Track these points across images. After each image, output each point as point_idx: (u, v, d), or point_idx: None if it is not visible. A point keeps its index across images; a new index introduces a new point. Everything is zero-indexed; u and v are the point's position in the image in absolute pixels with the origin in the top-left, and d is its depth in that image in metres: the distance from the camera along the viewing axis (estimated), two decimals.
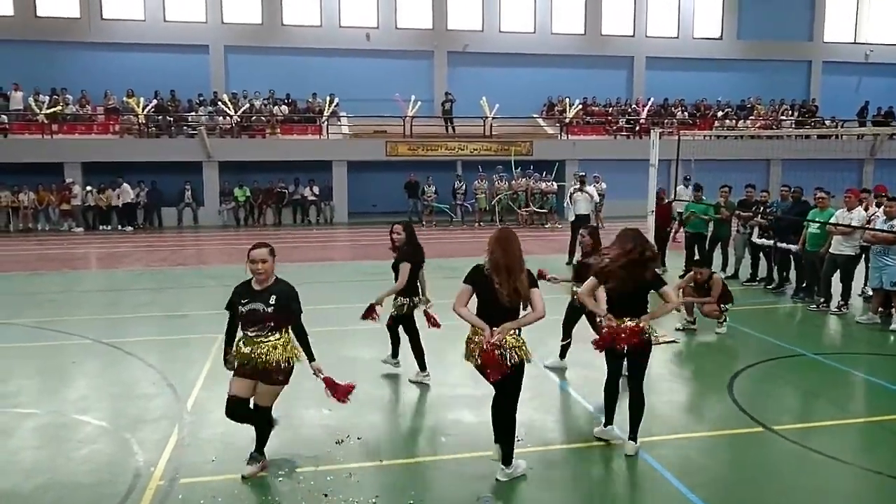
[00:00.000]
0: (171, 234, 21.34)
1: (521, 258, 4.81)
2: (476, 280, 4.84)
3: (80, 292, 12.17)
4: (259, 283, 4.86)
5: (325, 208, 23.70)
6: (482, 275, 4.82)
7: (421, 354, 7.05)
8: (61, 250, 17.44)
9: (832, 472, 5.19)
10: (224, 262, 15.20)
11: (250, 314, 4.81)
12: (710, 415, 6.40)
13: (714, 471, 5.25)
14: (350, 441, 5.64)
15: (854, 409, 6.72)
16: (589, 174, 17.15)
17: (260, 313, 4.79)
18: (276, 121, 24.28)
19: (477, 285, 4.84)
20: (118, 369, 7.63)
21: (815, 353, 8.06)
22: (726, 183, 12.69)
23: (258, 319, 4.80)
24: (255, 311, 4.79)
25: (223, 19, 25.60)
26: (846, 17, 30.61)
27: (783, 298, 11.12)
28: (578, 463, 5.29)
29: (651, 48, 28.80)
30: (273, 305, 4.79)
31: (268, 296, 4.81)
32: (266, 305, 4.79)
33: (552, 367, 7.42)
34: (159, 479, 5.00)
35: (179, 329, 9.39)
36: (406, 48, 26.85)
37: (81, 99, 23.76)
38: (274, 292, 4.83)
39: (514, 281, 4.73)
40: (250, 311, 4.80)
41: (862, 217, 9.65)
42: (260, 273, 4.80)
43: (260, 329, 4.82)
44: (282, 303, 4.82)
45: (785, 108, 28.72)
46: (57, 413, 6.33)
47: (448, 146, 24.30)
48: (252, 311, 4.80)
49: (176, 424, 5.99)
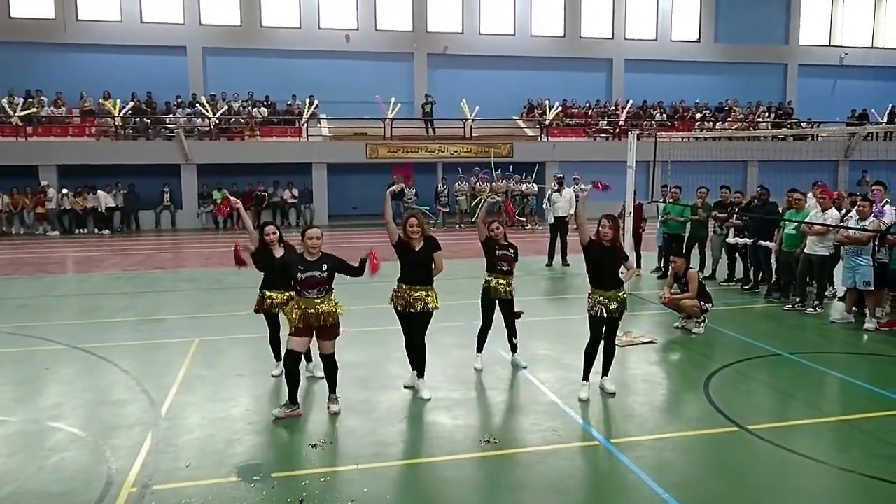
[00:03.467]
0: (148, 237, 21.11)
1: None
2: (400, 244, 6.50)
3: (55, 297, 11.99)
4: (312, 256, 6.00)
5: (305, 211, 23.58)
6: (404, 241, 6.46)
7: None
8: (36, 254, 17.19)
9: (807, 472, 5.22)
10: (202, 266, 15.07)
11: (309, 279, 5.94)
12: (685, 415, 6.43)
13: (690, 471, 5.27)
14: (325, 445, 5.60)
15: (828, 408, 6.79)
16: (568, 176, 17.21)
17: (317, 278, 5.94)
18: (255, 123, 24.14)
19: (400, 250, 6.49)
20: (92, 375, 7.52)
21: (791, 353, 8.13)
22: (703, 185, 12.81)
23: (316, 283, 5.94)
24: (313, 277, 5.94)
25: (201, 20, 25.40)
26: (821, 21, 31.07)
27: (759, 298, 11.21)
28: (554, 465, 5.28)
29: (630, 51, 29.02)
30: (326, 272, 5.99)
31: (321, 264, 5.99)
32: (321, 272, 5.97)
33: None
34: (131, 486, 4.93)
35: (155, 334, 9.27)
36: (386, 50, 26.81)
37: (57, 101, 23.45)
38: (324, 261, 6.04)
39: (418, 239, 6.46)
40: (309, 277, 5.93)
41: (835, 217, 9.78)
42: (315, 247, 6.00)
43: (319, 291, 5.97)
44: (332, 269, 6.06)
45: (762, 111, 29.07)
46: (29, 420, 6.22)
47: (428, 148, 24.30)
48: (310, 277, 5.94)
49: (150, 431, 5.91)
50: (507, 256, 7.34)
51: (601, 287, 6.56)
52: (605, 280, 6.57)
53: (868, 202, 9.26)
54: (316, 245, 6.05)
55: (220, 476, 5.10)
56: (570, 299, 11.28)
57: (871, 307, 9.31)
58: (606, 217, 6.65)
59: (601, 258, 6.54)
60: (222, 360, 7.98)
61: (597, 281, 6.61)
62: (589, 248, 6.55)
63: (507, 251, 7.36)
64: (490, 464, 5.34)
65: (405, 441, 5.77)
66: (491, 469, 5.27)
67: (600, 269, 6.58)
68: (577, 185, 19.58)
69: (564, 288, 12.65)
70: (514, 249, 7.44)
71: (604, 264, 6.56)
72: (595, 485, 5.13)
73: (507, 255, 7.34)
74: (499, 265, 7.32)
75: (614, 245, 6.58)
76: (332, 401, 6.32)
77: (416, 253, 6.49)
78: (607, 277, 6.58)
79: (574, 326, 6.80)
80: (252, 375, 7.38)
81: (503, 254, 7.33)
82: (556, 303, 11.26)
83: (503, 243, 7.38)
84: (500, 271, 7.32)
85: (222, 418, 6.20)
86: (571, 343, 7.93)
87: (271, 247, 6.93)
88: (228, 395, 6.79)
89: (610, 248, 6.54)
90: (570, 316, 6.81)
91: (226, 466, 5.26)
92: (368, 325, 8.84)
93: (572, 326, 7.00)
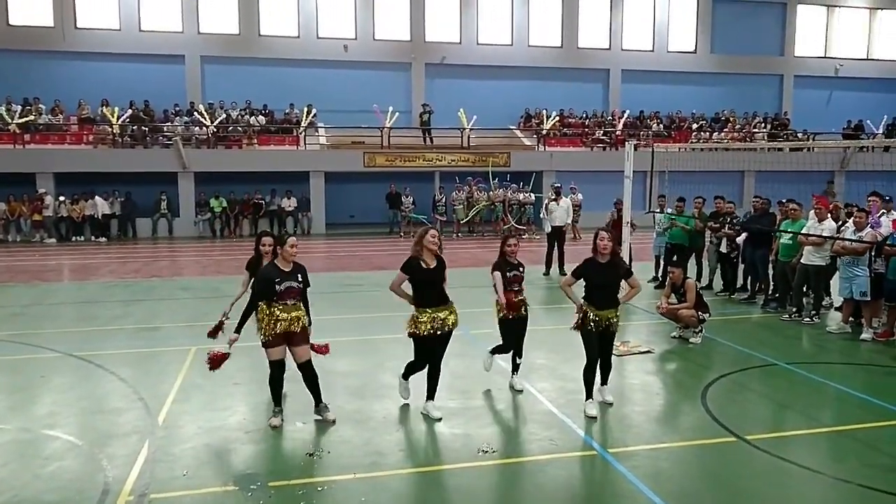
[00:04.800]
0: (145, 245, 21.09)
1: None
2: (410, 267, 6.14)
3: (52, 305, 11.97)
4: (287, 265, 6.03)
5: (303, 219, 23.60)
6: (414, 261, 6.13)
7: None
8: (33, 262, 17.16)
9: (803, 482, 5.23)
10: (199, 274, 15.06)
11: (288, 289, 5.98)
12: (682, 425, 6.44)
13: (686, 481, 5.27)
14: (322, 454, 5.59)
15: (825, 418, 6.79)
16: (565, 185, 17.26)
17: (295, 287, 6.02)
18: (252, 131, 24.17)
19: (411, 272, 6.14)
20: (88, 383, 7.50)
21: (787, 363, 8.15)
22: (699, 195, 12.85)
23: (294, 293, 6.02)
24: (291, 287, 6.00)
25: (200, 29, 25.46)
26: (816, 33, 31.27)
27: (755, 308, 11.24)
28: (551, 474, 5.28)
29: (627, 61, 29.15)
30: (301, 281, 6.09)
31: (296, 273, 6.06)
32: (296, 281, 6.05)
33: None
34: (128, 495, 4.91)
35: (152, 342, 9.26)
36: (384, 59, 26.89)
37: (55, 108, 23.48)
38: (299, 271, 6.11)
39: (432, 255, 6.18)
40: (287, 287, 5.97)
41: (832, 228, 9.81)
42: (292, 256, 6.02)
43: (296, 299, 6.05)
44: (305, 277, 6.16)
45: (758, 121, 29.20)
46: (24, 429, 6.20)
47: (426, 157, 24.36)
48: (289, 287, 5.99)
49: (147, 439, 5.90)
50: (518, 277, 7.04)
51: (595, 305, 6.39)
52: (601, 298, 6.39)
53: (864, 213, 9.31)
54: (294, 254, 6.07)
55: (217, 485, 5.09)
56: (567, 309, 11.13)
57: (868, 317, 9.34)
58: (604, 229, 6.46)
59: (598, 277, 6.35)
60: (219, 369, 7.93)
61: (592, 297, 6.43)
62: (585, 268, 6.39)
63: (518, 270, 7.05)
64: (487, 473, 5.34)
65: (402, 450, 5.76)
66: (488, 478, 5.27)
67: (595, 288, 6.40)
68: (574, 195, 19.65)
69: (561, 297, 12.41)
70: (524, 268, 7.17)
71: (600, 283, 6.37)
72: (592, 494, 5.12)
73: (518, 275, 7.03)
74: (510, 286, 6.97)
75: (614, 259, 6.41)
76: (324, 409, 6.29)
77: (431, 271, 6.18)
78: (603, 295, 6.40)
79: (571, 336, 6.79)
80: (248, 384, 7.36)
81: (514, 274, 7.00)
82: (553, 312, 11.26)
83: (514, 262, 7.04)
84: (513, 292, 6.97)
85: (219, 427, 6.18)
86: (568, 353, 7.94)
87: (264, 258, 6.76)
88: (225, 404, 6.77)
89: (608, 264, 6.36)
90: (568, 325, 6.77)
91: (223, 475, 5.25)
92: (358, 335, 8.84)
93: (569, 336, 6.96)
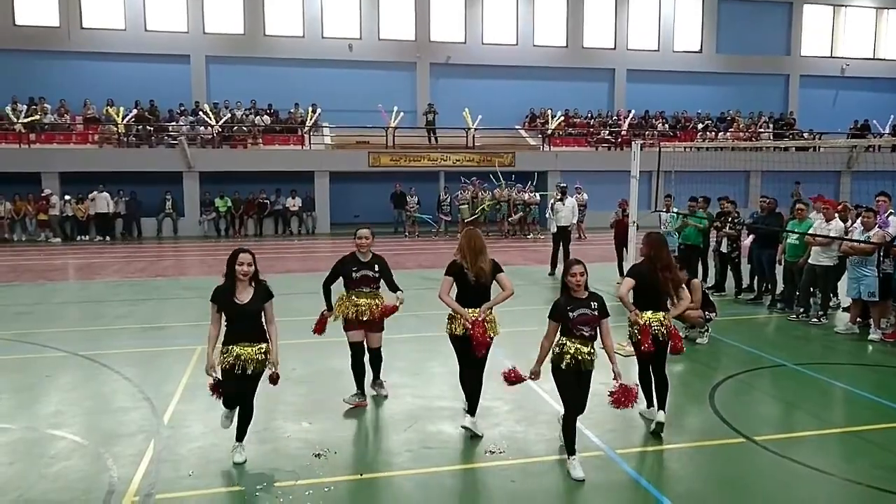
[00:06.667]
0: (150, 244, 21.12)
1: (483, 245, 5.83)
2: (453, 270, 5.83)
3: (57, 304, 11.97)
4: (364, 256, 6.47)
5: (307, 219, 23.62)
6: (456, 265, 5.82)
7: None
8: (38, 261, 17.18)
9: (812, 483, 5.19)
10: (204, 274, 15.04)
11: (363, 278, 6.42)
12: (691, 425, 6.39)
13: (695, 482, 5.24)
14: (329, 454, 5.56)
15: (833, 419, 6.75)
16: (570, 185, 17.22)
17: (370, 276, 6.44)
18: (257, 131, 24.18)
19: (454, 275, 5.84)
20: (94, 383, 7.49)
21: (796, 364, 8.10)
22: (705, 194, 12.78)
23: (370, 280, 6.44)
24: (367, 276, 6.44)
25: (205, 29, 25.48)
26: (823, 32, 31.16)
27: (762, 309, 11.19)
28: (559, 474, 5.25)
29: (632, 61, 29.09)
30: (378, 271, 6.48)
31: (373, 264, 6.48)
32: (373, 271, 6.46)
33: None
34: (133, 495, 4.89)
35: (157, 341, 9.25)
36: (389, 59, 26.88)
37: (60, 108, 23.53)
38: (376, 261, 6.52)
39: (478, 261, 5.75)
40: (363, 276, 6.42)
41: (840, 228, 9.76)
42: (364, 247, 6.45)
43: (372, 287, 6.46)
44: (383, 268, 6.52)
45: (763, 121, 29.12)
46: (30, 428, 6.19)
47: (431, 157, 24.35)
48: (364, 276, 6.43)
49: (152, 439, 5.88)
50: (587, 318, 5.19)
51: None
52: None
53: (872, 213, 9.26)
54: (365, 245, 6.50)
55: (223, 485, 5.08)
56: None
57: (876, 318, 9.29)
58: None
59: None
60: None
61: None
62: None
63: (590, 309, 5.22)
64: (496, 473, 5.31)
65: (410, 450, 5.73)
66: (496, 479, 5.24)
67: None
68: (580, 195, 19.58)
69: None
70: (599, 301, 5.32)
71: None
72: (600, 495, 5.08)
73: (586, 315, 5.19)
74: (576, 329, 5.19)
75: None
76: (380, 385, 6.97)
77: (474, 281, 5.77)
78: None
79: None
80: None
81: (582, 314, 5.19)
82: None
83: (582, 297, 5.25)
84: (581, 337, 5.21)
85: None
86: None
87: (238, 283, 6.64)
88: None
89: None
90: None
91: (229, 476, 5.23)
92: None
93: None
